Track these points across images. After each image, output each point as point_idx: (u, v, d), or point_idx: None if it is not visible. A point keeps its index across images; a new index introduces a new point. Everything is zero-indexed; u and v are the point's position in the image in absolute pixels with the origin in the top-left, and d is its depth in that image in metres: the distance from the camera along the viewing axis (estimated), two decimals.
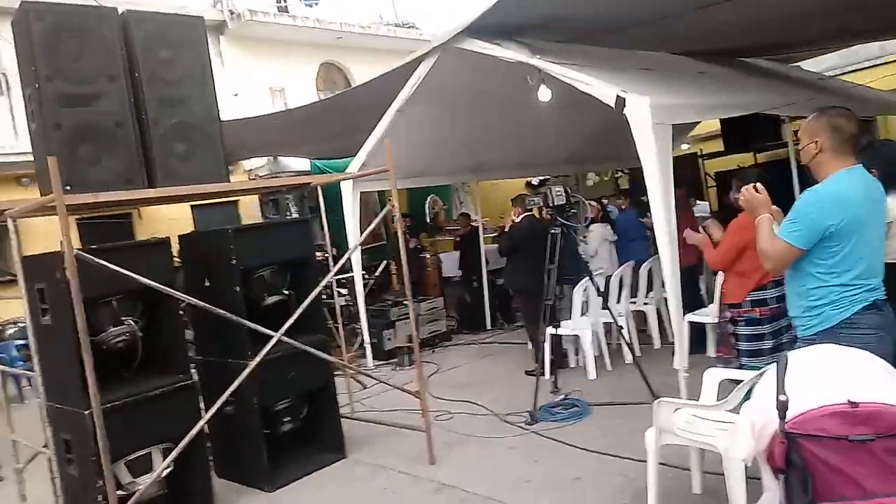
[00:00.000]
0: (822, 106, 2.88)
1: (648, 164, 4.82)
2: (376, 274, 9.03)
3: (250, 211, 12.10)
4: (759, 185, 2.92)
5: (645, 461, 3.89)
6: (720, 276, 5.68)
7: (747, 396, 3.14)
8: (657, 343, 6.69)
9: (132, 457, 3.90)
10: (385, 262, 9.56)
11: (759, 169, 9.38)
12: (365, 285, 7.57)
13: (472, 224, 9.95)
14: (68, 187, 3.86)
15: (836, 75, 10.11)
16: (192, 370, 4.39)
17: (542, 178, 14.95)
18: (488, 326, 9.01)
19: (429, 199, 13.40)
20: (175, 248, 4.36)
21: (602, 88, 5.09)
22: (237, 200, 11.97)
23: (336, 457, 4.82)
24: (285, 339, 4.12)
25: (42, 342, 3.72)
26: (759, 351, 4.11)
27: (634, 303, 6.83)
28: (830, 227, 2.53)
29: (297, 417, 4.74)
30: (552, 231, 5.38)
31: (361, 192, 7.46)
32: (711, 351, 6.12)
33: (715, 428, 3.10)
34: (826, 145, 2.61)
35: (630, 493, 3.77)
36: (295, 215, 7.94)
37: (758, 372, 3.02)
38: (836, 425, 1.89)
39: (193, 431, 3.70)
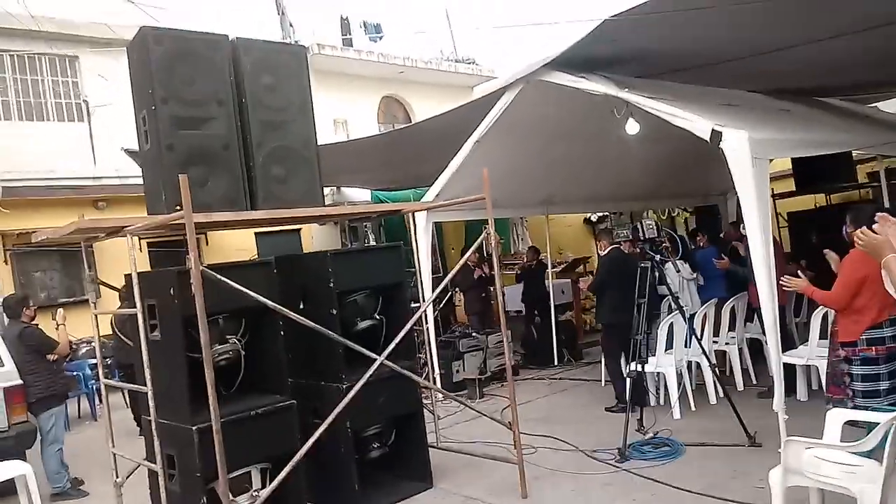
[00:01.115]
0: None
1: (747, 200, 4.72)
2: (441, 305, 8.99)
3: (310, 241, 12.27)
4: (875, 226, 2.83)
5: None
6: (817, 317, 5.53)
7: (885, 439, 2.99)
8: (740, 384, 6.47)
9: (232, 475, 3.89)
10: (449, 294, 9.52)
11: (875, 204, 9.10)
12: None
13: (541, 259, 9.91)
14: (178, 207, 3.99)
15: None
16: None
17: (600, 214, 14.87)
18: (555, 362, 8.87)
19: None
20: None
21: (696, 122, 5.03)
22: (300, 229, 12.13)
23: (423, 486, 4.74)
24: (388, 362, 4.10)
25: (150, 358, 3.76)
26: (875, 391, 3.93)
27: (716, 342, 6.63)
28: None
29: (385, 444, 4.70)
30: (642, 265, 5.29)
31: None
32: (802, 393, 5.90)
33: (845, 470, 2.95)
34: None
35: None
36: (373, 243, 7.97)
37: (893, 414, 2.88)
38: None
39: (301, 452, 3.67)
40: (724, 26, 5.58)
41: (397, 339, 4.13)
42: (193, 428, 3.66)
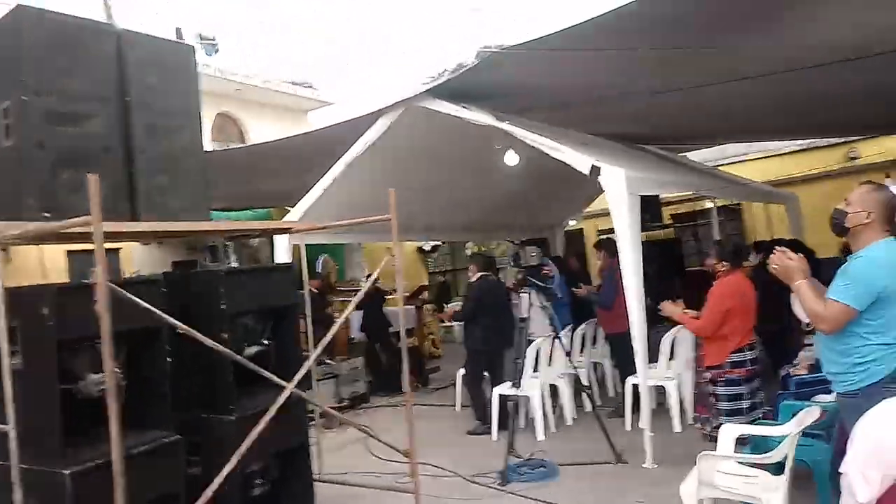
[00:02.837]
0: (873, 181, 3.23)
1: (622, 231, 5.12)
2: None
3: (132, 263, 11.14)
4: (789, 251, 3.18)
5: None
6: (665, 342, 6.07)
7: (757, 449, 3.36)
8: (588, 406, 6.87)
9: None
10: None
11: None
12: None
13: (378, 286, 9.86)
14: (46, 214, 3.47)
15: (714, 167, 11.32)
16: None
17: (434, 243, 15.22)
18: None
19: (321, 258, 13.11)
20: None
21: (575, 156, 5.38)
22: (119, 248, 10.98)
23: None
24: (296, 390, 3.82)
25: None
26: (739, 409, 4.39)
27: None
28: (883, 289, 2.83)
29: (269, 480, 4.35)
30: (522, 292, 5.48)
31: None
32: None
33: (747, 482, 3.25)
34: (876, 217, 2.93)
35: None
36: (234, 264, 7.43)
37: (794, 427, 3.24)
38: None
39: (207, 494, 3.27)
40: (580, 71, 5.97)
41: (308, 364, 3.87)
42: (66, 472, 3.13)
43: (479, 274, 6.72)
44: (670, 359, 6.07)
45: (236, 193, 9.76)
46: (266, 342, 4.37)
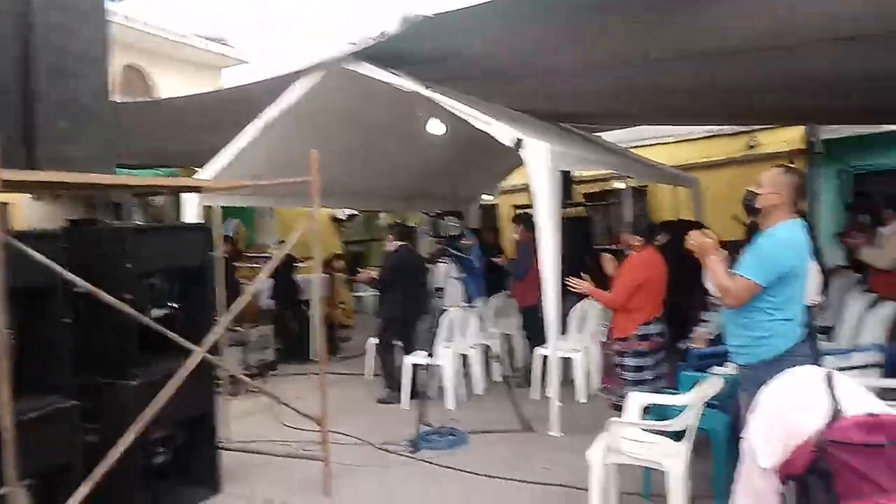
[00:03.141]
0: (784, 165, 3.38)
1: (543, 205, 5.18)
2: None
3: (21, 221, 10.35)
4: (706, 230, 3.33)
5: (544, 484, 4.17)
6: (575, 314, 6.24)
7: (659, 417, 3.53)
8: (497, 376, 7.00)
9: None
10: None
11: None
12: None
13: (290, 253, 9.65)
14: None
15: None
16: None
17: (350, 213, 14.97)
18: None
19: (232, 223, 12.66)
20: None
21: (501, 128, 5.38)
22: (6, 204, 10.17)
23: (209, 492, 4.33)
24: (208, 356, 3.68)
25: None
26: (643, 380, 4.58)
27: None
28: (788, 268, 2.99)
29: (171, 448, 4.19)
30: (440, 262, 5.48)
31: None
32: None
33: (649, 448, 3.40)
34: (785, 199, 3.09)
35: None
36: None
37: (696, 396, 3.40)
38: (860, 434, 2.23)
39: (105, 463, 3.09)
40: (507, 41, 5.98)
41: (222, 327, 3.71)
42: None
43: (397, 243, 6.68)
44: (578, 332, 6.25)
45: (141, 151, 9.23)
46: (174, 305, 4.17)
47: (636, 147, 12.05)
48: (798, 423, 2.33)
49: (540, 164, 5.13)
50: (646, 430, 3.48)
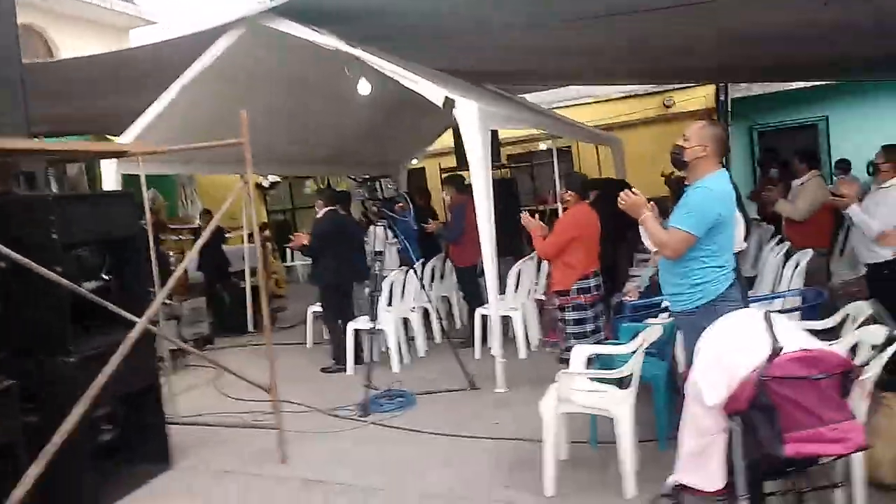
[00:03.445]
0: (708, 119, 3.52)
1: (476, 164, 5.21)
2: None
3: None
4: (633, 189, 3.45)
5: (495, 438, 4.29)
6: (512, 275, 6.36)
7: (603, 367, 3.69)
8: (438, 338, 7.08)
9: None
10: None
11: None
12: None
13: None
14: None
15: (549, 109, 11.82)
16: None
17: (274, 179, 14.60)
18: (250, 329, 8.57)
19: (149, 193, 12.13)
20: None
21: (429, 88, 5.35)
22: None
23: (160, 467, 4.24)
24: (149, 327, 3.55)
25: None
26: (584, 333, 4.75)
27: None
28: (718, 216, 3.15)
29: (116, 425, 4.06)
30: (378, 224, 5.44)
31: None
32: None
33: (599, 396, 3.54)
34: (711, 151, 3.23)
35: (507, 465, 3.99)
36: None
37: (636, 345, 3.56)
38: (797, 368, 2.41)
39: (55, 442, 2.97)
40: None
41: (160, 298, 3.59)
42: None
43: (326, 209, 6.59)
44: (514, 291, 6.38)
45: (48, 117, 8.66)
46: (106, 277, 4.00)
47: (557, 108, 12.28)
48: (740, 361, 2.50)
49: (472, 124, 5.14)
50: (593, 380, 3.62)
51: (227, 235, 10.18)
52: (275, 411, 4.34)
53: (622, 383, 3.57)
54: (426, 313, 6.93)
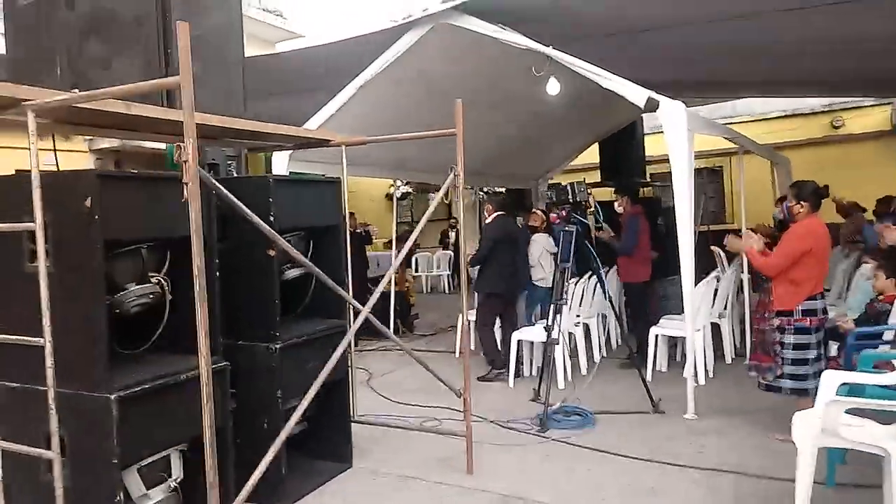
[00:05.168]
0: None
1: (679, 169, 4.80)
2: None
3: None
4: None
5: (704, 469, 3.83)
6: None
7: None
8: (596, 355, 6.61)
9: (147, 462, 2.90)
10: None
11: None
12: None
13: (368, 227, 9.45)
14: (76, 90, 2.89)
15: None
16: None
17: (404, 190, 14.65)
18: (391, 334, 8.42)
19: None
20: None
21: (631, 88, 5.00)
22: None
23: (341, 466, 4.05)
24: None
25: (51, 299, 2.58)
26: (805, 360, 4.18)
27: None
28: None
29: (306, 418, 3.90)
30: (567, 229, 5.09)
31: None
32: (663, 364, 6.19)
33: (872, 432, 3.01)
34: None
35: (732, 501, 3.53)
36: None
37: None
38: None
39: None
40: None
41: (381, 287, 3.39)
42: (112, 397, 2.62)
43: (496, 213, 6.34)
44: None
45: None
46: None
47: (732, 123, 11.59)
48: None
49: (677, 126, 4.75)
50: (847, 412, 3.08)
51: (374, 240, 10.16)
52: (465, 416, 4.05)
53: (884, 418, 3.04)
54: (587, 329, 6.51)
